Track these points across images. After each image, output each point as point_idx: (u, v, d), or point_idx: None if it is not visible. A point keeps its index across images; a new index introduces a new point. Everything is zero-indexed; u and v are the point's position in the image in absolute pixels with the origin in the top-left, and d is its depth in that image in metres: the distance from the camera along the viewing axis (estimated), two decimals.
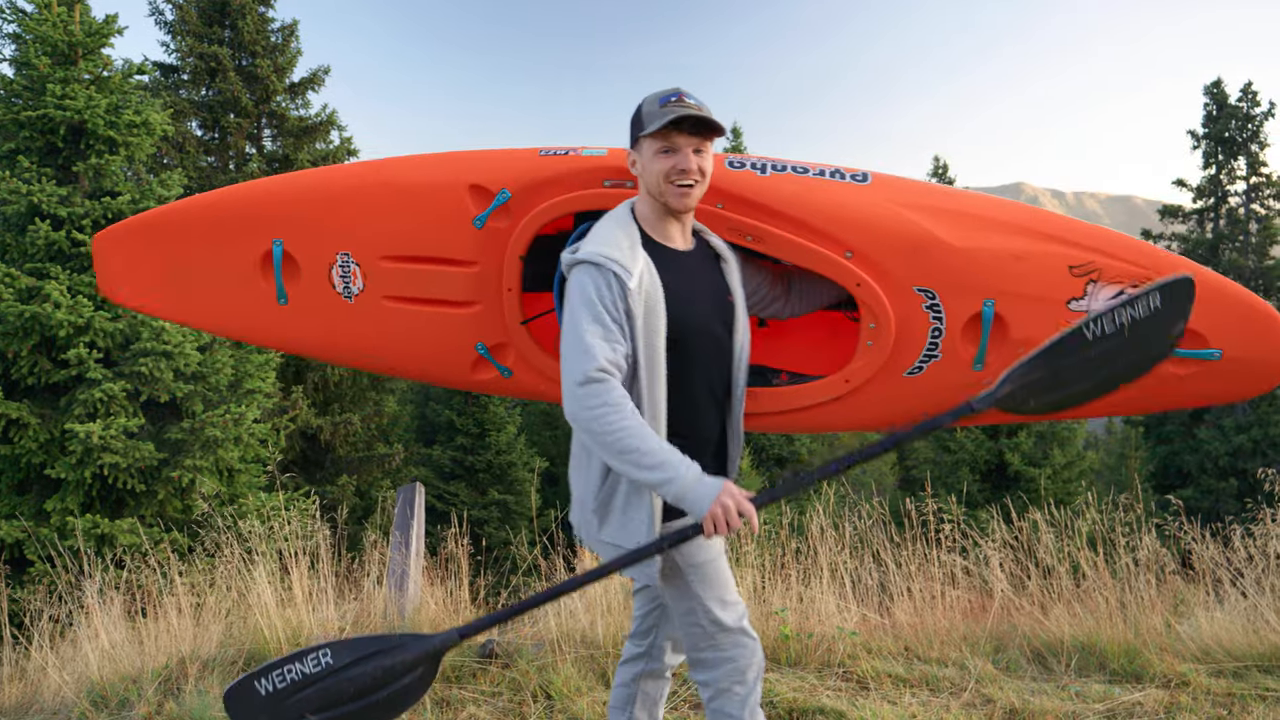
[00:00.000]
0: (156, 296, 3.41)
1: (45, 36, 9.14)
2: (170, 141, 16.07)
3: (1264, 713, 3.51)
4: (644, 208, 2.40)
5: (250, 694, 2.35)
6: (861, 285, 2.66)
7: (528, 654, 4.22)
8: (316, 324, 3.25)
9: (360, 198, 3.05)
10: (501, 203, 2.86)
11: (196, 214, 3.27)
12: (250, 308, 3.29)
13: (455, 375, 3.23)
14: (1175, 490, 19.15)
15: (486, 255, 2.94)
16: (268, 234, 3.15)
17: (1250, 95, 22.11)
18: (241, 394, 9.68)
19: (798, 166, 2.81)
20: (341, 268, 3.11)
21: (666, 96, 2.28)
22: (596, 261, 2.20)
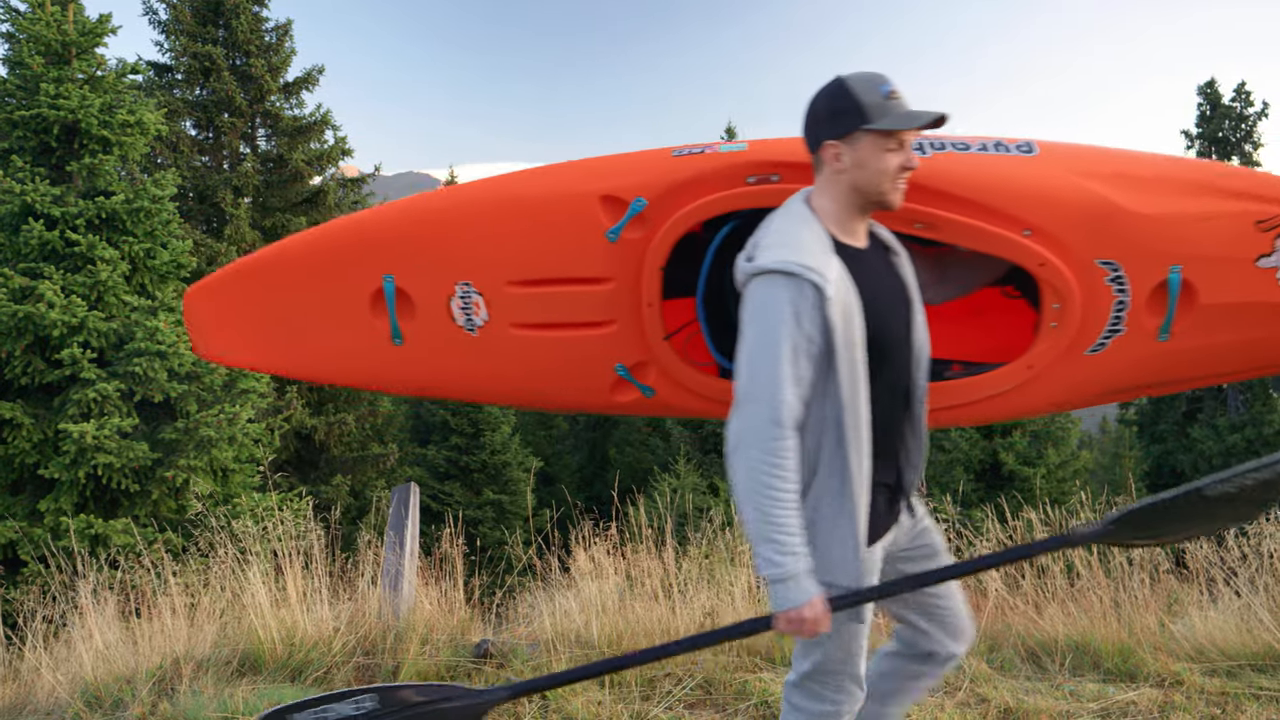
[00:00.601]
0: (257, 350, 3.15)
1: (39, 36, 9.12)
2: (164, 141, 16.05)
3: (1258, 711, 3.52)
4: (830, 204, 2.13)
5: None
6: (1045, 264, 2.48)
7: (522, 654, 4.22)
8: (437, 362, 2.99)
9: (479, 221, 2.80)
10: (637, 212, 2.64)
11: (294, 256, 3.02)
12: (362, 352, 3.03)
13: (593, 400, 3.00)
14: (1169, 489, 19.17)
15: (622, 270, 2.71)
16: (376, 270, 2.89)
17: (1244, 95, 22.17)
18: (235, 394, 9.66)
19: (957, 143, 2.62)
20: (462, 299, 2.85)
21: (883, 86, 2.05)
22: (790, 270, 1.96)
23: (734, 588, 4.90)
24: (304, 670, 4.12)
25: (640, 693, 3.84)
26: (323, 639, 4.33)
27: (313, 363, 3.13)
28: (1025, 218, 2.49)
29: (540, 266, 2.79)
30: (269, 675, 4.11)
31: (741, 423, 2.00)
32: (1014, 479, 15.85)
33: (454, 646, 4.31)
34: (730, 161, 2.61)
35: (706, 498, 14.80)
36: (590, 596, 4.73)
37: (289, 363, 3.15)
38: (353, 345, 3.02)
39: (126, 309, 8.96)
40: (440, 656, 4.15)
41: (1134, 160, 2.59)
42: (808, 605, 1.96)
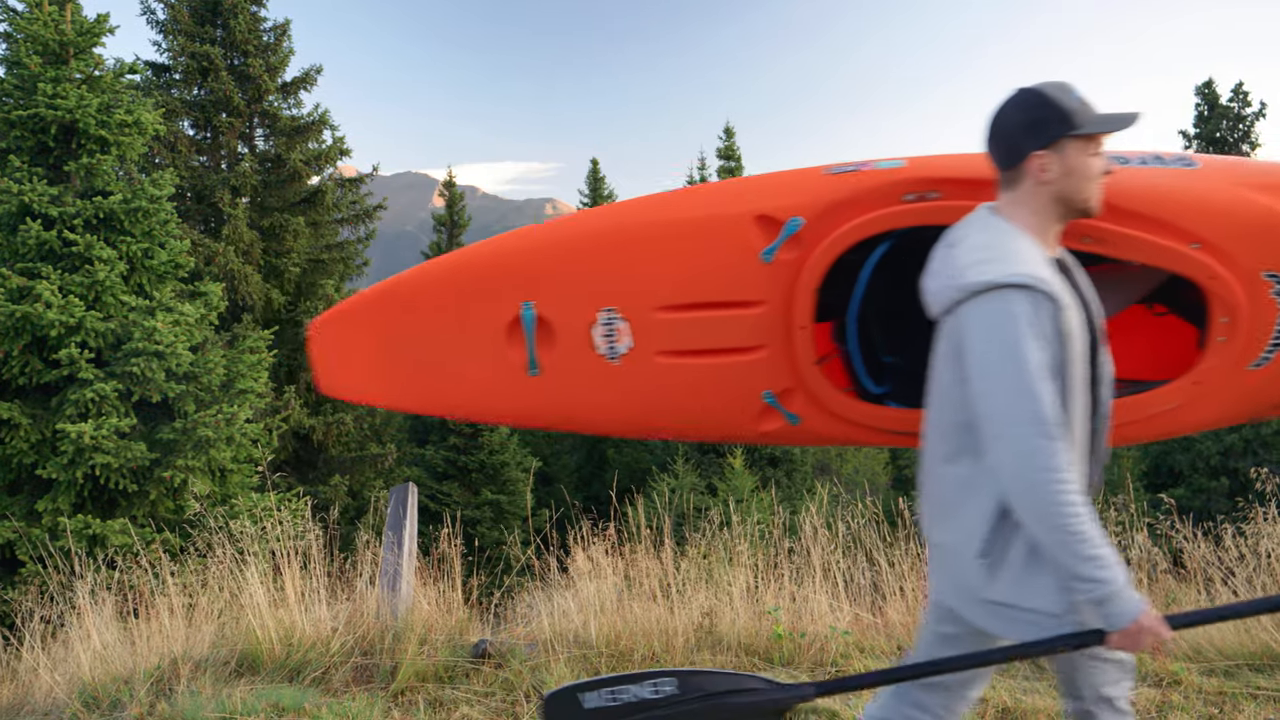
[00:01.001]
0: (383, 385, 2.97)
1: (36, 35, 9.11)
2: (162, 141, 16.04)
3: (1255, 711, 3.52)
4: (1031, 217, 2.05)
5: (572, 705, 2.16)
6: (1215, 278, 2.44)
7: (521, 654, 4.22)
8: (575, 393, 2.84)
9: (628, 245, 2.70)
10: (793, 232, 2.56)
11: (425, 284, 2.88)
12: (494, 384, 2.86)
13: (737, 430, 2.88)
14: (1166, 489, 19.21)
15: (775, 292, 2.63)
16: (514, 297, 2.75)
17: (1241, 96, 22.19)
18: (233, 394, 9.65)
19: (1116, 156, 2.56)
20: (605, 326, 2.73)
21: (1075, 91, 2.03)
22: (1028, 284, 1.87)
23: (732, 588, 4.90)
24: (302, 670, 4.12)
25: None
26: (321, 639, 4.33)
27: (442, 398, 2.97)
28: (1193, 230, 2.45)
29: (690, 290, 2.69)
30: (267, 675, 4.11)
31: (1010, 450, 1.87)
32: None
33: (452, 647, 4.30)
34: (887, 179, 2.54)
35: (705, 498, 14.80)
36: (588, 597, 4.73)
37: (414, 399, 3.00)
38: (484, 378, 2.86)
39: (124, 309, 8.95)
40: (438, 657, 4.15)
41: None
42: (1144, 615, 1.83)
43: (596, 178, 35.83)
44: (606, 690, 2.12)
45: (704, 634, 4.42)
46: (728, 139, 26.50)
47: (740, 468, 15.54)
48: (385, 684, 4.02)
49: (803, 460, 20.45)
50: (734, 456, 16.46)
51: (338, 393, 3.03)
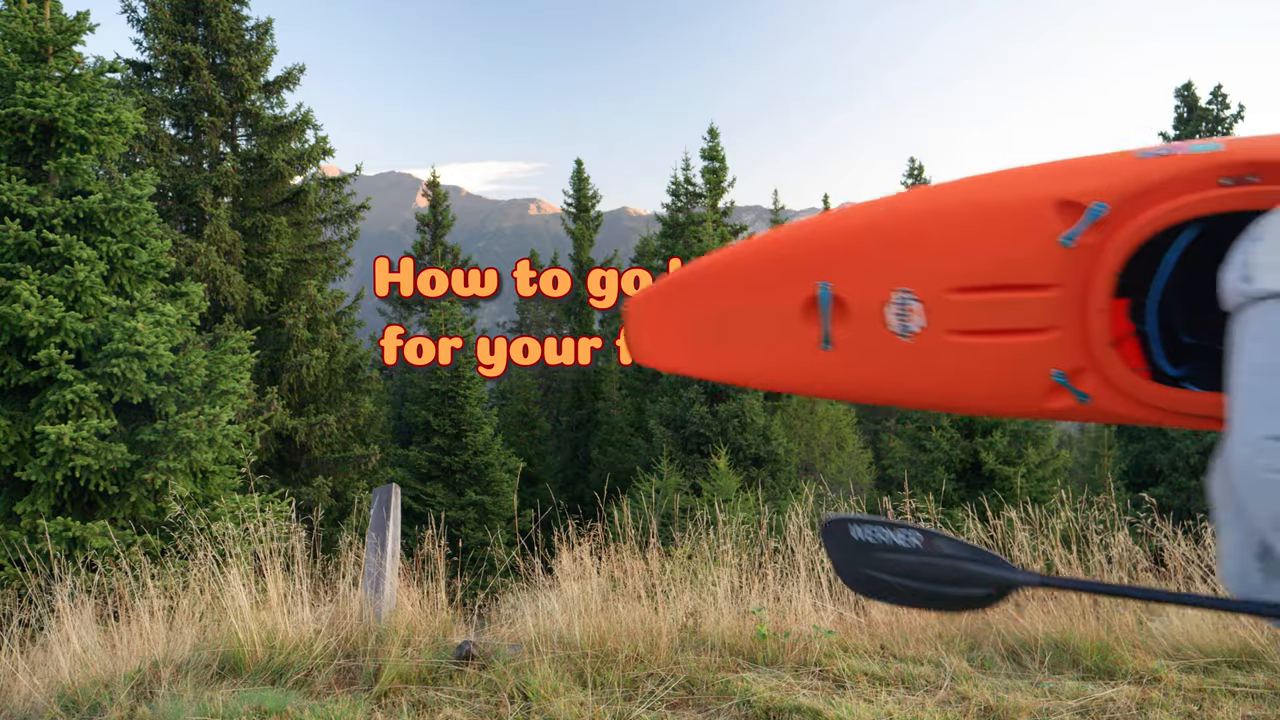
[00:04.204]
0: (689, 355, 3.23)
1: (15, 33, 9.02)
2: (143, 140, 15.94)
3: (1234, 708, 3.55)
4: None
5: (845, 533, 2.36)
6: None
7: (504, 655, 4.21)
8: (866, 367, 2.98)
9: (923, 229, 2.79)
10: (1096, 217, 2.53)
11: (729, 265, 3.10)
12: (790, 357, 3.03)
13: (1023, 406, 2.90)
14: (1147, 488, 19.37)
15: (1071, 276, 2.61)
16: (813, 278, 2.90)
17: (1220, 98, 22.39)
18: (215, 395, 9.60)
19: None
20: (899, 305, 2.82)
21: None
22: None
23: (716, 588, 4.91)
24: (285, 673, 4.10)
25: (623, 693, 3.84)
26: (303, 641, 4.31)
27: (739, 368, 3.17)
28: None
29: (985, 273, 2.73)
30: (249, 678, 4.08)
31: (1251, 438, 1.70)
32: (994, 478, 15.96)
33: (436, 648, 4.29)
34: (1203, 163, 2.45)
35: (690, 498, 14.81)
36: (573, 597, 4.73)
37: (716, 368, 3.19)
38: (780, 350, 3.02)
39: (105, 309, 8.88)
40: (422, 658, 4.14)
41: None
42: None
43: (581, 178, 35.83)
44: (870, 528, 2.34)
45: (689, 634, 4.42)
46: (712, 139, 26.55)
47: (725, 468, 15.56)
48: (368, 686, 4.01)
49: (787, 460, 20.50)
50: (718, 457, 16.48)
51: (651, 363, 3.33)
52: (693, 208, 27.52)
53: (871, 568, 2.33)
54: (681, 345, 3.24)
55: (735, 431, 19.98)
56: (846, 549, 2.35)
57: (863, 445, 32.58)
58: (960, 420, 16.40)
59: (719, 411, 20.02)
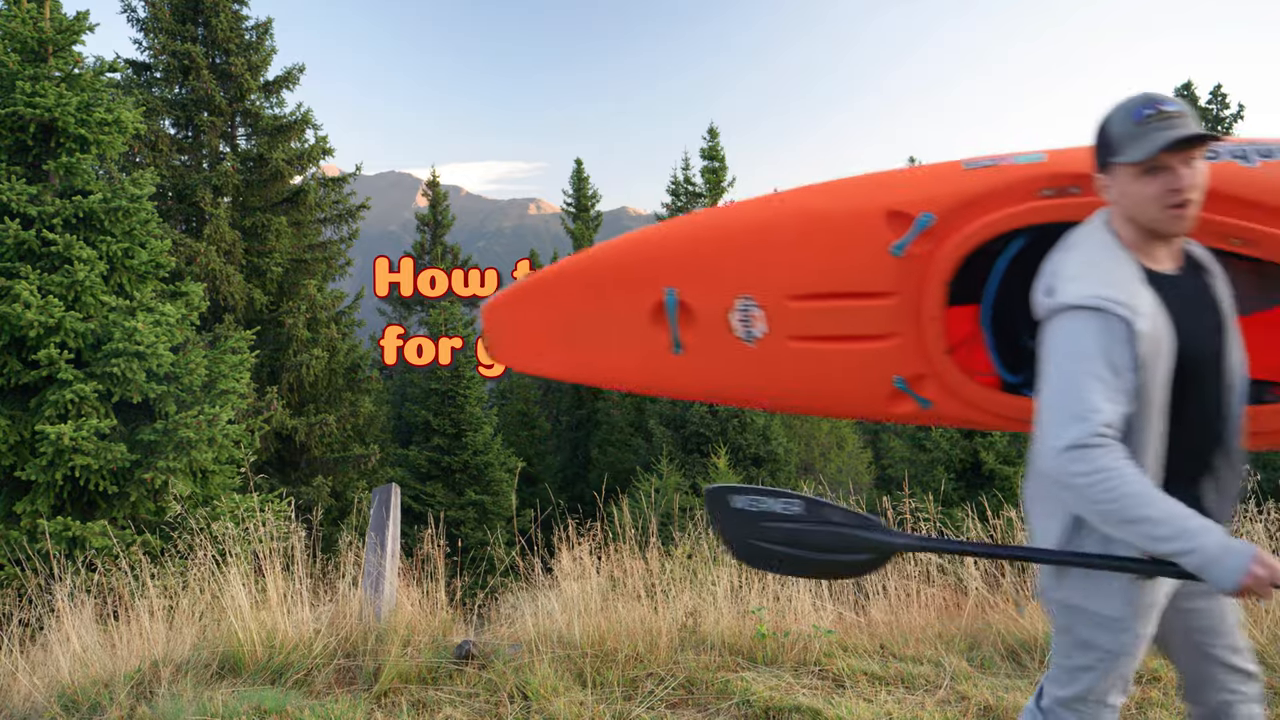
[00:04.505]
0: (548, 358, 3.36)
1: (14, 33, 9.02)
2: (143, 140, 15.94)
3: None
4: (1127, 230, 2.04)
5: (726, 501, 2.45)
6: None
7: (504, 655, 4.21)
8: (715, 371, 3.08)
9: (761, 237, 2.86)
10: (924, 227, 2.61)
11: (580, 272, 3.19)
12: (643, 360, 3.16)
13: (868, 410, 3.02)
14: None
15: (906, 285, 2.69)
16: (659, 284, 3.01)
17: (1220, 98, 22.40)
18: (215, 395, 9.60)
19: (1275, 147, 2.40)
20: (742, 312, 2.93)
21: (1139, 110, 1.96)
22: (1097, 306, 1.89)
23: (716, 588, 4.91)
24: (284, 672, 4.10)
25: (622, 693, 3.84)
26: (303, 641, 4.31)
27: (598, 370, 3.31)
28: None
29: (822, 281, 2.81)
30: (249, 678, 4.08)
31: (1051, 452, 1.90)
32: (994, 478, 15.95)
33: (436, 648, 4.29)
34: (1025, 174, 2.53)
35: (689, 498, 14.80)
36: (573, 597, 4.73)
37: (576, 370, 3.34)
38: (635, 354, 3.16)
39: (104, 309, 8.88)
40: (422, 658, 4.14)
41: None
42: (1255, 561, 1.77)
43: (580, 177, 35.82)
44: (749, 497, 2.43)
45: (688, 634, 4.43)
46: (711, 139, 26.56)
47: (724, 467, 15.56)
48: (368, 686, 4.01)
49: (786, 460, 20.51)
50: (718, 456, 16.47)
51: (509, 364, 3.48)
52: (692, 207, 27.52)
53: (757, 537, 2.41)
54: (539, 347, 3.37)
55: (735, 431, 19.98)
56: (731, 519, 2.45)
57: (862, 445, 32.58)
58: None
59: (719, 411, 20.03)
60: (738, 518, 2.43)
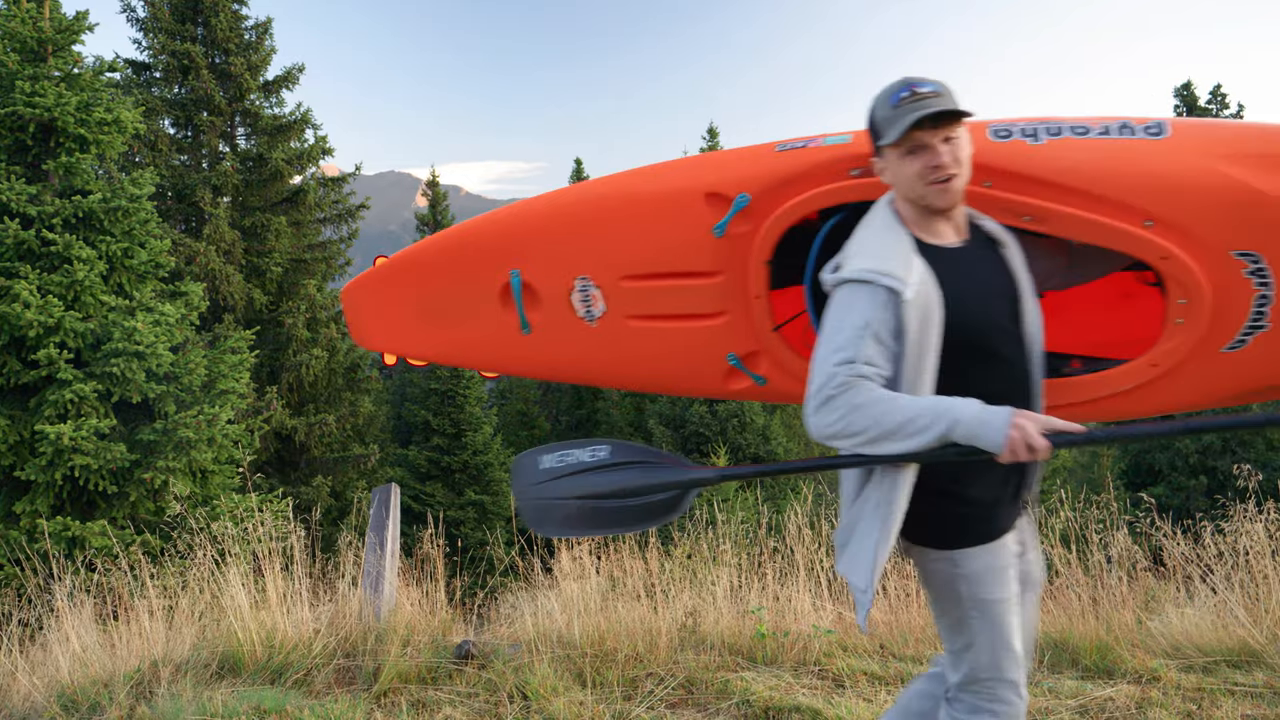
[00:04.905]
0: (406, 338, 3.44)
1: (14, 32, 9.02)
2: (142, 140, 15.93)
3: (1233, 707, 3.55)
4: (906, 208, 2.15)
5: (533, 465, 2.50)
6: (1169, 258, 2.31)
7: (504, 655, 4.21)
8: (562, 350, 3.17)
9: (594, 219, 2.94)
10: (741, 207, 2.69)
11: (434, 254, 3.26)
12: (495, 340, 3.25)
13: (708, 387, 3.10)
14: (1146, 487, 19.37)
15: (730, 263, 2.77)
16: (504, 266, 3.10)
17: (1219, 98, 22.40)
18: (215, 394, 9.60)
19: (1077, 126, 2.45)
20: (581, 292, 3.02)
21: (897, 94, 2.05)
22: (866, 279, 1.99)
23: (716, 588, 4.91)
24: (284, 672, 4.10)
25: (622, 693, 3.84)
26: (303, 641, 4.31)
27: (455, 351, 3.40)
28: (1146, 207, 2.32)
29: (652, 261, 2.89)
30: (248, 678, 4.08)
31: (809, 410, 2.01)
32: None
33: (435, 648, 4.29)
34: (833, 155, 2.59)
35: None
36: (572, 597, 4.73)
37: (435, 351, 3.43)
38: (488, 334, 3.25)
39: (104, 309, 8.88)
40: (421, 658, 4.14)
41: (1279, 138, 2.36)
42: (1016, 416, 1.88)
43: (580, 177, 35.82)
44: (559, 453, 2.47)
45: (688, 633, 4.43)
46: (711, 139, 26.55)
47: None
48: (368, 685, 4.01)
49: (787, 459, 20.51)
50: (717, 456, 16.47)
51: (371, 346, 3.53)
52: None
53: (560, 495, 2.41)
54: (399, 329, 3.45)
55: (735, 431, 20.00)
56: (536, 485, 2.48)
57: None
58: None
59: (718, 411, 20.04)
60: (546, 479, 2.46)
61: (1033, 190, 2.39)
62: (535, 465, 2.50)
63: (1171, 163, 2.34)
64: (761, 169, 2.69)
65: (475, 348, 3.34)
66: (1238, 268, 2.32)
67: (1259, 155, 2.31)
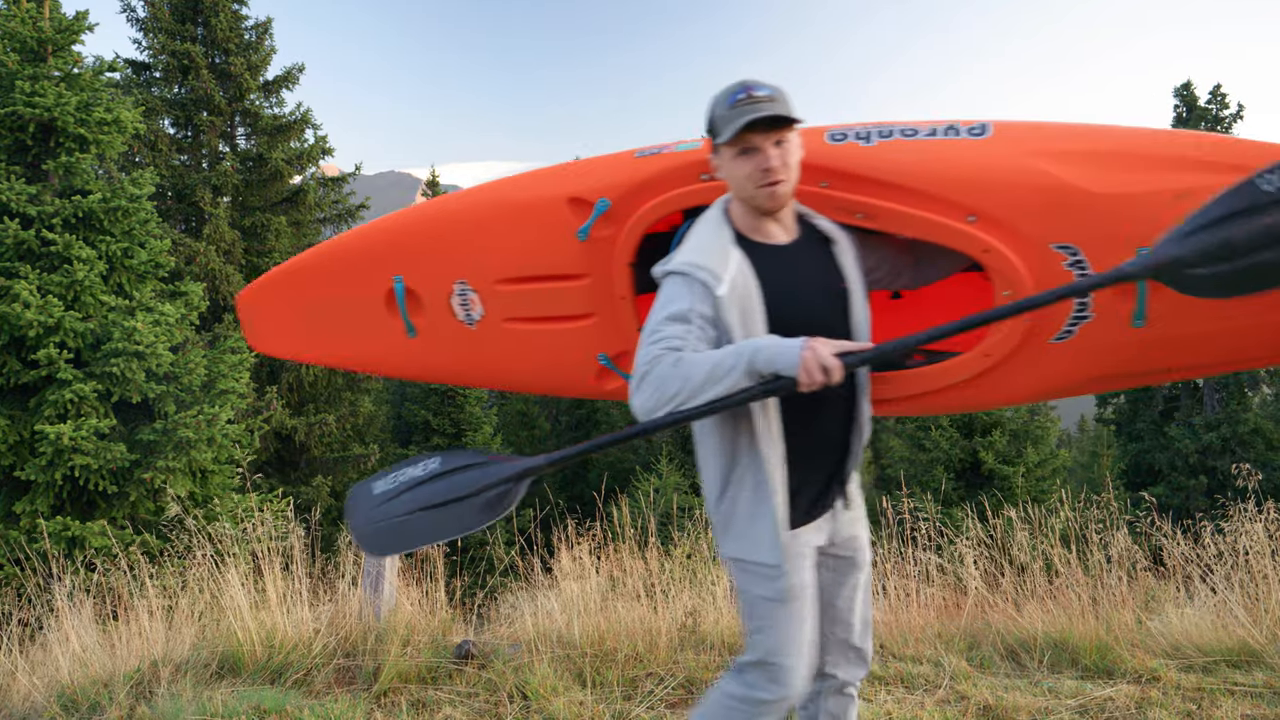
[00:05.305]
0: (301, 344, 3.54)
1: (14, 32, 9.02)
2: (142, 140, 15.93)
3: (1233, 707, 3.55)
4: (737, 207, 2.25)
5: (367, 493, 2.53)
6: (989, 251, 2.42)
7: (504, 655, 4.21)
8: (446, 353, 3.28)
9: (468, 225, 3.04)
10: (602, 212, 2.78)
11: (324, 261, 3.35)
12: (384, 344, 3.35)
13: (582, 387, 3.19)
14: (1146, 487, 19.39)
15: (596, 266, 2.87)
16: (388, 272, 3.19)
17: (1219, 98, 22.40)
18: (215, 394, 9.59)
19: (906, 129, 2.56)
20: (460, 296, 3.11)
21: (734, 95, 2.12)
22: (684, 271, 2.11)
23: (715, 588, 4.91)
24: (284, 672, 4.10)
25: (622, 692, 3.84)
26: (303, 641, 4.31)
27: (346, 355, 3.50)
28: (969, 203, 2.43)
29: (522, 266, 2.99)
30: (248, 678, 4.08)
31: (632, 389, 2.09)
32: (994, 478, 15.96)
33: (435, 648, 4.29)
34: (684, 161, 2.68)
35: (689, 497, 14.80)
36: (572, 597, 4.73)
37: (327, 355, 3.53)
38: (377, 339, 3.35)
39: (104, 309, 8.88)
40: (421, 658, 4.14)
41: (1099, 136, 2.46)
42: (804, 351, 1.96)
43: None
44: (392, 474, 2.53)
45: (688, 633, 4.42)
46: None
47: None
48: (368, 685, 4.01)
49: None
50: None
51: (268, 351, 3.62)
52: None
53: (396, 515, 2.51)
54: (292, 333, 3.54)
55: None
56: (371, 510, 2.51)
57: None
58: (960, 420, 16.42)
59: None
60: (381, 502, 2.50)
61: (864, 189, 2.50)
62: (370, 493, 2.54)
63: (992, 161, 2.45)
64: (621, 175, 2.79)
65: (367, 352, 3.44)
66: (1058, 260, 2.42)
67: (1075, 152, 2.42)
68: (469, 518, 2.42)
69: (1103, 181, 2.37)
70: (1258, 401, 21.56)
